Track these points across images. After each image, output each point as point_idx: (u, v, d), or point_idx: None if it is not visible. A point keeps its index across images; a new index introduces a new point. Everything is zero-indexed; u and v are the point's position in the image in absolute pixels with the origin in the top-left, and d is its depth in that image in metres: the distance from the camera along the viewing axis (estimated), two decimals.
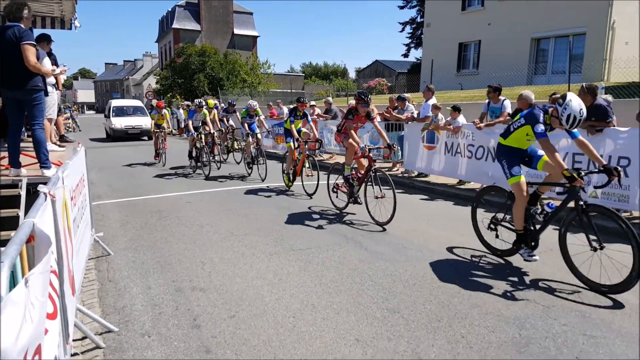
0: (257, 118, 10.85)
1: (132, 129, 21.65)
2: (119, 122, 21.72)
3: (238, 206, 7.47)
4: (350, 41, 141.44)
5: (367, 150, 6.23)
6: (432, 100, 10.01)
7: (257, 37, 54.77)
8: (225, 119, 13.99)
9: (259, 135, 10.59)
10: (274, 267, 4.63)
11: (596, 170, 4.23)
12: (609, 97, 8.14)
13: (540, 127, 4.19)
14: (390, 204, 5.92)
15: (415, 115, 10.43)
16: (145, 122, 21.49)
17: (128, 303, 3.83)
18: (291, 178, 8.82)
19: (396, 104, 11.19)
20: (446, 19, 25.40)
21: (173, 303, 3.82)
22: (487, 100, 8.78)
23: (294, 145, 8.44)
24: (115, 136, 21.57)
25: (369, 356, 3.01)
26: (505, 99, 8.54)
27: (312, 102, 15.45)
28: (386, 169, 11.10)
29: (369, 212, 6.36)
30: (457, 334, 3.28)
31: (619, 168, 4.09)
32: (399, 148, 10.64)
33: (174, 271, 4.53)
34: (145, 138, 21.41)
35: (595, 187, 6.15)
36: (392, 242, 5.49)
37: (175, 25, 50.35)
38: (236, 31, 52.61)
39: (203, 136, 11.04)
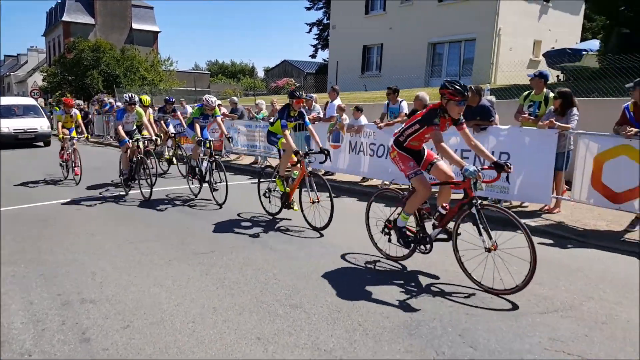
0: (215, 119, 8.12)
1: (24, 133, 17.94)
2: (6, 125, 17.82)
3: (137, 212, 7.09)
4: (259, 40, 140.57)
5: (479, 175, 3.86)
6: (337, 101, 10.30)
7: (158, 32, 52.27)
8: (162, 121, 11.34)
9: (213, 143, 8.01)
10: (174, 273, 4.45)
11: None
12: (493, 98, 8.96)
13: None
14: (520, 259, 3.73)
15: (322, 116, 10.66)
16: (41, 124, 18.35)
17: (5, 322, 3.46)
18: (285, 191, 6.40)
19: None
20: (351, 22, 26.27)
21: (59, 318, 3.52)
22: (387, 101, 9.24)
23: (296, 157, 6.05)
24: (1, 142, 17.42)
25: (270, 353, 3.03)
26: (402, 100, 9.06)
27: (218, 102, 15.11)
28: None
29: (469, 276, 4.10)
30: (354, 322, 3.42)
31: None
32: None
33: (61, 284, 4.17)
34: (41, 144, 18.34)
35: None
36: (296, 240, 5.56)
37: (65, 17, 46.34)
38: (135, 26, 49.72)
39: (141, 145, 8.20)
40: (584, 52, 16.41)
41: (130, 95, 8.48)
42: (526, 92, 7.23)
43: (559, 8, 23.39)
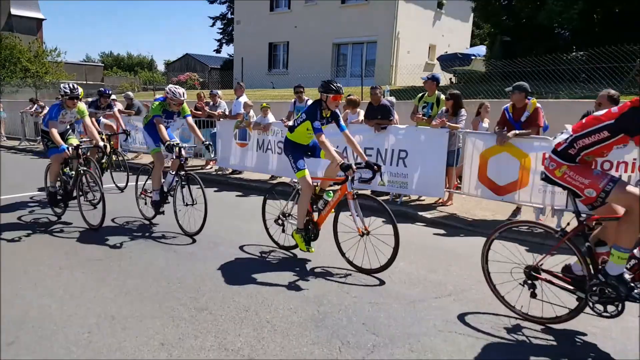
0: (186, 119, 6.00)
1: None
2: None
3: (21, 216, 6.41)
4: (158, 32, 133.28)
5: None
6: (243, 98, 10.18)
7: (42, 20, 47.41)
8: (93, 119, 8.25)
9: (183, 152, 5.65)
10: (65, 281, 4.11)
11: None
12: (393, 99, 9.47)
13: None
14: None
15: (227, 112, 10.46)
16: None
17: None
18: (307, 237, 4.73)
19: (207, 100, 11.08)
20: (256, 18, 26.04)
21: None
22: (293, 100, 9.33)
23: (345, 174, 4.34)
24: None
25: (174, 357, 2.93)
26: (308, 99, 9.19)
27: (113, 96, 14.13)
28: (199, 167, 10.91)
29: None
30: (262, 320, 3.43)
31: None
32: (211, 144, 10.20)
33: None
34: None
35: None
36: (202, 241, 5.39)
37: None
38: (14, 11, 44.40)
39: (82, 152, 5.98)
40: (472, 57, 17.95)
41: (72, 85, 6.15)
42: (420, 94, 7.74)
43: (451, 15, 25.34)
